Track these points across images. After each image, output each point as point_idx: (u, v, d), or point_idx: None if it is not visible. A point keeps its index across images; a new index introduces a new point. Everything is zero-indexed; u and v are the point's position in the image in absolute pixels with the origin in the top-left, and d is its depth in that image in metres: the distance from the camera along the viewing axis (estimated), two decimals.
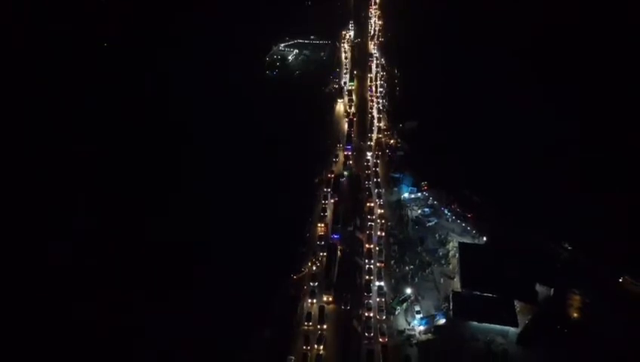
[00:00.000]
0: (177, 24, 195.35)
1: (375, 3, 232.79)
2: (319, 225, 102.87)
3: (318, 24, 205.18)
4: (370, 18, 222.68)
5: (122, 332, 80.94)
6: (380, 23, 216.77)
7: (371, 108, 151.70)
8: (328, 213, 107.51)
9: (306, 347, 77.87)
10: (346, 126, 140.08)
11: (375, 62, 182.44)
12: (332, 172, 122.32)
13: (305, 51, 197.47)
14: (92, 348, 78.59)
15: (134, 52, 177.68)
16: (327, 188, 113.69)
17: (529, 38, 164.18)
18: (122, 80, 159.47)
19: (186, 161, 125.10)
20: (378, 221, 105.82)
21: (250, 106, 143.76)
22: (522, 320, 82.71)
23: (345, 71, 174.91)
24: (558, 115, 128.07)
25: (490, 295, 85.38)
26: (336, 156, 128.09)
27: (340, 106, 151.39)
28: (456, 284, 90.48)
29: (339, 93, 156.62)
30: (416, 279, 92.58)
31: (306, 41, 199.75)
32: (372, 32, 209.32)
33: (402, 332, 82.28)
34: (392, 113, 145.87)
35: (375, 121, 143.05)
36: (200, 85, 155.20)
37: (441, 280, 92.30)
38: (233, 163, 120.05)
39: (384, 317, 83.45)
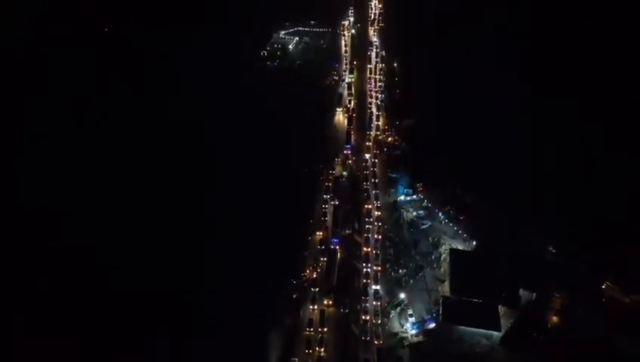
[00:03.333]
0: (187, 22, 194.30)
1: None
2: (318, 233, 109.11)
3: (318, 9, 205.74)
4: (370, 0, 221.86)
5: None
6: (380, 6, 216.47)
7: (370, 104, 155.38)
8: (328, 218, 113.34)
9: (308, 350, 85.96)
10: (345, 122, 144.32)
11: (375, 50, 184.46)
12: (332, 169, 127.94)
13: (305, 38, 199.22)
14: None
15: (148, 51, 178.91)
16: (326, 193, 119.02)
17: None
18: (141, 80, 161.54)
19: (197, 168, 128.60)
20: (376, 223, 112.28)
21: (251, 107, 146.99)
22: (506, 323, 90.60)
23: (344, 62, 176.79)
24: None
25: (477, 300, 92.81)
26: (337, 157, 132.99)
27: (339, 116, 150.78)
28: (447, 287, 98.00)
29: (338, 98, 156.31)
30: (411, 282, 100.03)
31: (306, 29, 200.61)
32: (372, 17, 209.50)
33: (396, 334, 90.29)
34: (390, 110, 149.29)
35: (374, 118, 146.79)
36: (206, 84, 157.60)
37: (433, 283, 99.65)
38: (237, 168, 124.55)
39: (380, 322, 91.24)
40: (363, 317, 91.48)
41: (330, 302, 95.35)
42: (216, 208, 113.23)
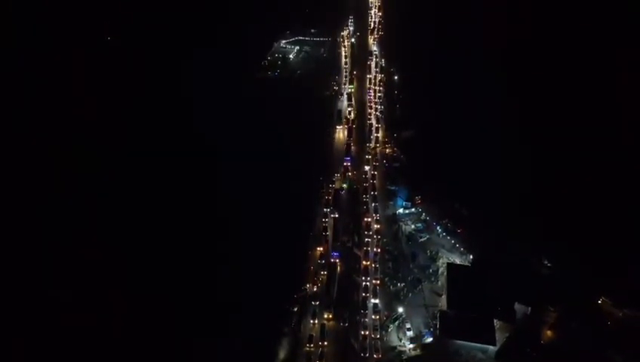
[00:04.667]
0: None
1: None
2: (319, 248, 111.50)
3: (318, 18, 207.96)
4: (370, 8, 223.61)
5: None
6: (380, 14, 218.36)
7: (370, 115, 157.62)
8: (329, 232, 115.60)
9: None
10: (344, 139, 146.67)
11: (374, 60, 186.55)
12: (332, 183, 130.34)
13: (306, 47, 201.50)
14: None
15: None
16: (326, 207, 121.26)
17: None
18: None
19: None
20: (375, 236, 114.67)
21: (251, 119, 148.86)
22: (501, 337, 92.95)
23: (344, 73, 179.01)
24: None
25: (473, 314, 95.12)
26: (337, 171, 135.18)
27: (340, 134, 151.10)
28: (444, 301, 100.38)
29: (337, 115, 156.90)
30: (409, 295, 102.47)
31: (306, 38, 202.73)
32: (372, 25, 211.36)
33: (394, 348, 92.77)
34: (390, 122, 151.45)
35: (374, 130, 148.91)
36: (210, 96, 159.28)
37: (430, 297, 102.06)
38: (237, 180, 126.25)
39: (378, 336, 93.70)
40: (362, 333, 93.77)
41: (330, 316, 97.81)
42: (215, 222, 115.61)
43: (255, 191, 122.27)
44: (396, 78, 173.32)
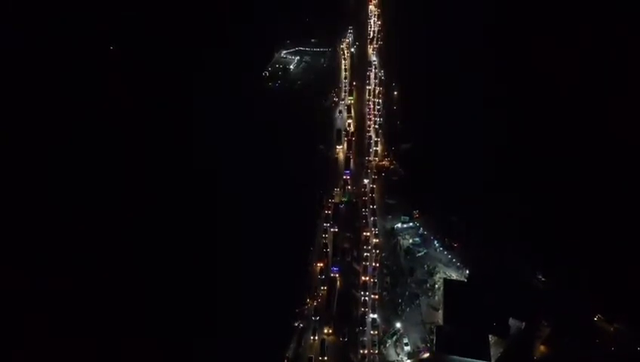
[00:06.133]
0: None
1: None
2: (319, 264, 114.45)
3: (318, 29, 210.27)
4: (369, 18, 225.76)
5: None
6: (379, 23, 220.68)
7: (369, 127, 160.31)
8: (329, 248, 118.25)
9: None
10: (345, 151, 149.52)
11: (374, 70, 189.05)
12: (332, 197, 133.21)
13: (306, 57, 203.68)
14: None
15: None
16: (326, 222, 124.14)
17: None
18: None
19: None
20: (373, 251, 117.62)
21: (251, 133, 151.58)
22: (496, 352, 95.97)
23: (344, 84, 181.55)
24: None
25: (469, 330, 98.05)
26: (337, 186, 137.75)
27: (340, 154, 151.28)
28: (440, 315, 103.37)
29: (337, 135, 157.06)
30: (407, 310, 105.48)
31: (307, 48, 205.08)
32: (371, 35, 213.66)
33: None
34: (388, 136, 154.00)
35: (372, 143, 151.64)
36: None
37: (428, 311, 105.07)
38: (238, 195, 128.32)
39: (377, 351, 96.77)
40: (361, 351, 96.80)
41: (331, 331, 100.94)
42: (216, 236, 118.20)
43: (256, 204, 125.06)
44: (395, 93, 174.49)
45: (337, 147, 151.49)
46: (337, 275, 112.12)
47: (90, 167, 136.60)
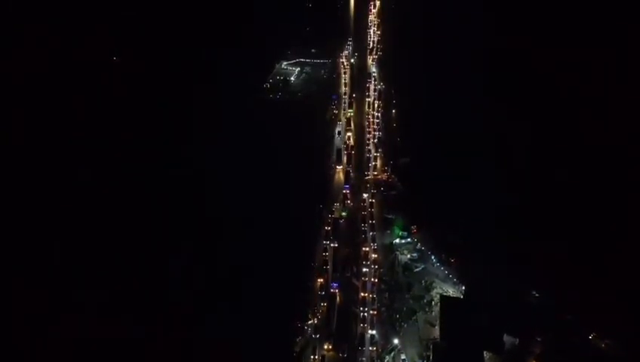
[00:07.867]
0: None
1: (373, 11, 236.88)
2: (319, 280, 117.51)
3: (318, 40, 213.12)
4: (369, 28, 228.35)
5: None
6: (378, 32, 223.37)
7: (368, 140, 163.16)
8: (329, 265, 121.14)
9: None
10: (344, 159, 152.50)
11: (373, 82, 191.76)
12: (332, 212, 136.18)
13: (306, 68, 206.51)
14: None
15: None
16: (326, 239, 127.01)
17: None
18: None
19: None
20: (372, 266, 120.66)
21: (251, 147, 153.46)
22: None
23: (344, 96, 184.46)
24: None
25: (464, 346, 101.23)
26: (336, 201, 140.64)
27: (340, 174, 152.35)
28: (437, 331, 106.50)
29: (337, 154, 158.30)
30: (404, 326, 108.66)
31: (307, 60, 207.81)
32: (371, 45, 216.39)
33: None
34: (387, 150, 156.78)
35: (371, 157, 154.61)
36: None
37: (425, 327, 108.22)
38: (238, 211, 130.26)
39: None
40: None
41: (330, 347, 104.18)
42: (215, 254, 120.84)
43: (256, 220, 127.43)
44: (394, 111, 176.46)
45: (337, 167, 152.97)
46: (337, 291, 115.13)
47: (90, 167, 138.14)
